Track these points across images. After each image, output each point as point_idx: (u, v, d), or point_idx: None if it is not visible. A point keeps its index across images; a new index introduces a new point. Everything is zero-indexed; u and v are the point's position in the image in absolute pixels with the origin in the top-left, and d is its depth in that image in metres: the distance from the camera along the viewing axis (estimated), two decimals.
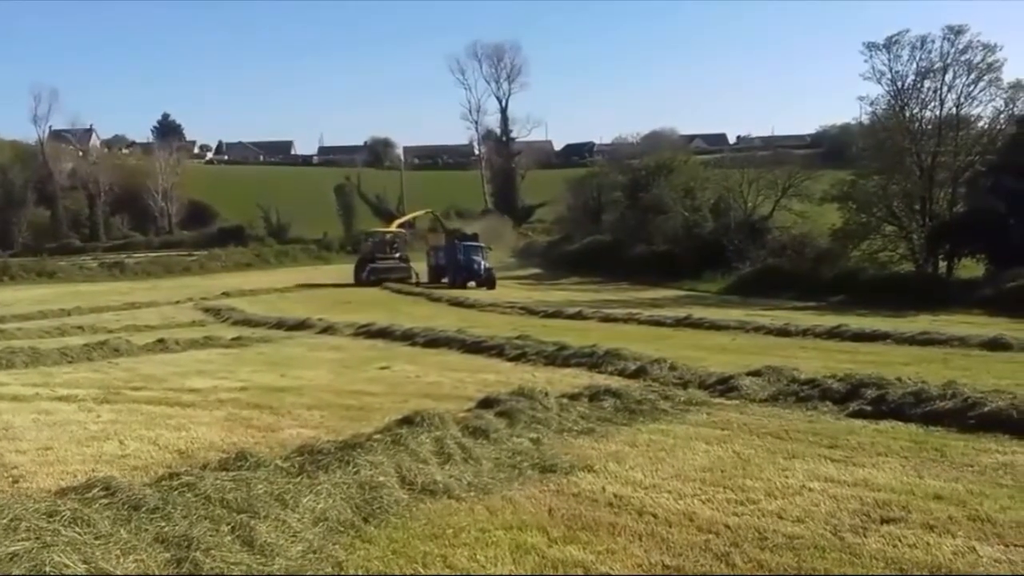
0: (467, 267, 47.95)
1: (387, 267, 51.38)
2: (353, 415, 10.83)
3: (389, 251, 53.71)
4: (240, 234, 77.63)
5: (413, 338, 21.33)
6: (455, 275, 47.60)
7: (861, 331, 21.35)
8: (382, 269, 50.87)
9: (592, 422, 9.82)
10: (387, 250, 53.68)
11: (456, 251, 49.43)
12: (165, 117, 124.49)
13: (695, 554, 5.73)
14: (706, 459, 8.18)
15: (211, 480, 6.36)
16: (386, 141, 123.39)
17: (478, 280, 47.08)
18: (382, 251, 53.46)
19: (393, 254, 53.47)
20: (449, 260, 49.56)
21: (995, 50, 41.42)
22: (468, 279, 47.07)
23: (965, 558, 5.57)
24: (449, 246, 50.97)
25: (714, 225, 53.85)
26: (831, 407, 10.65)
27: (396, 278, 49.70)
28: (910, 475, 7.52)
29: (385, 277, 49.76)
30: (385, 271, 50.76)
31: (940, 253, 41.01)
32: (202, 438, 9.58)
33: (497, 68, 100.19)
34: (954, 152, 41.86)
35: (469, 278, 47.14)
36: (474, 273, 47.58)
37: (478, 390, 11.97)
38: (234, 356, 19.11)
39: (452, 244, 50.84)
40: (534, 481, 7.47)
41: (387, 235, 56.12)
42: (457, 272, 47.74)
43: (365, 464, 7.09)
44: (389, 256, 53.05)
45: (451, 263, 49.02)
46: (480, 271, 47.81)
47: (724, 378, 12.42)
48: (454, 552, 5.78)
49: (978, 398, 9.83)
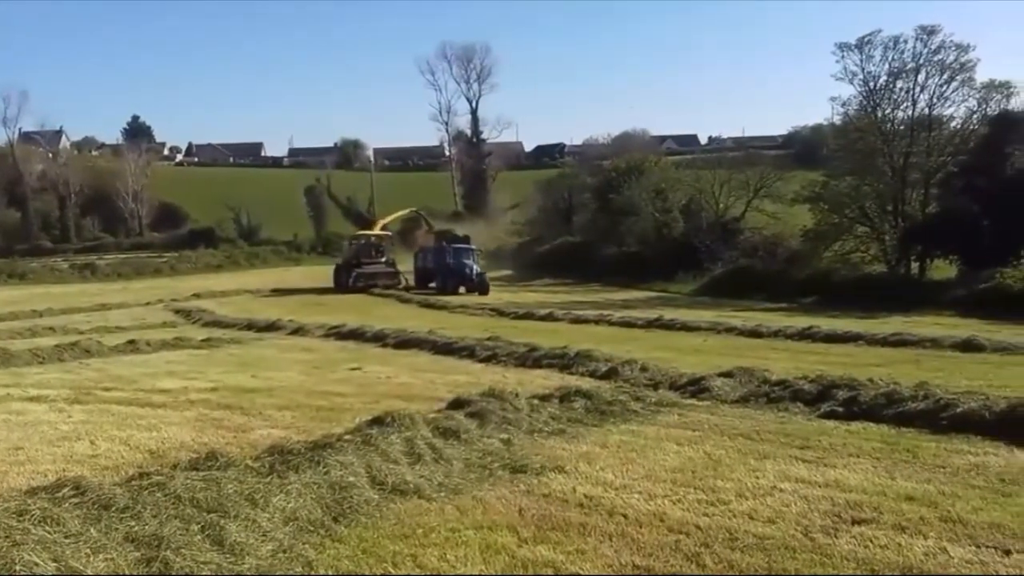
0: (458, 271, 45.19)
1: (374, 272, 48.50)
2: (324, 416, 10.78)
3: (375, 255, 50.67)
4: (210, 236, 77.16)
5: (384, 339, 21.28)
6: (445, 280, 45.07)
7: (833, 332, 21.51)
8: (369, 274, 47.99)
9: (563, 423, 9.81)
10: (372, 254, 50.68)
11: (445, 254, 46.78)
12: (135, 119, 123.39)
13: (665, 554, 5.72)
14: (677, 460, 8.19)
15: (181, 480, 6.31)
16: (356, 143, 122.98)
17: (469, 285, 44.38)
18: (367, 255, 50.36)
19: (379, 258, 50.52)
20: (438, 264, 46.82)
21: (968, 50, 41.84)
22: (459, 284, 44.41)
23: (936, 559, 5.60)
24: (438, 248, 48.24)
25: (685, 226, 54.09)
26: (802, 408, 10.70)
27: (384, 284, 47.34)
28: (882, 476, 7.56)
29: (373, 283, 47.12)
30: (372, 276, 47.97)
31: (912, 254, 41.38)
32: (173, 438, 9.50)
33: (467, 69, 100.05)
34: (926, 153, 42.23)
35: (460, 283, 44.51)
36: (465, 278, 44.85)
37: (449, 391, 11.92)
38: (205, 357, 19.00)
39: (441, 247, 48.20)
40: (505, 481, 7.45)
41: (372, 237, 52.76)
42: (447, 276, 45.14)
43: (335, 464, 7.05)
44: (375, 260, 50.06)
45: (440, 267, 46.31)
46: (472, 275, 45.11)
47: (695, 379, 12.44)
48: (424, 552, 5.75)
49: (950, 399, 9.90)
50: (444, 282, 44.87)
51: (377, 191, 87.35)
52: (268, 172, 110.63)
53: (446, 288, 43.89)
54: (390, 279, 48.18)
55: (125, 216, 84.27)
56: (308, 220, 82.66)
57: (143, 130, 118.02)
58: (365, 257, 49.79)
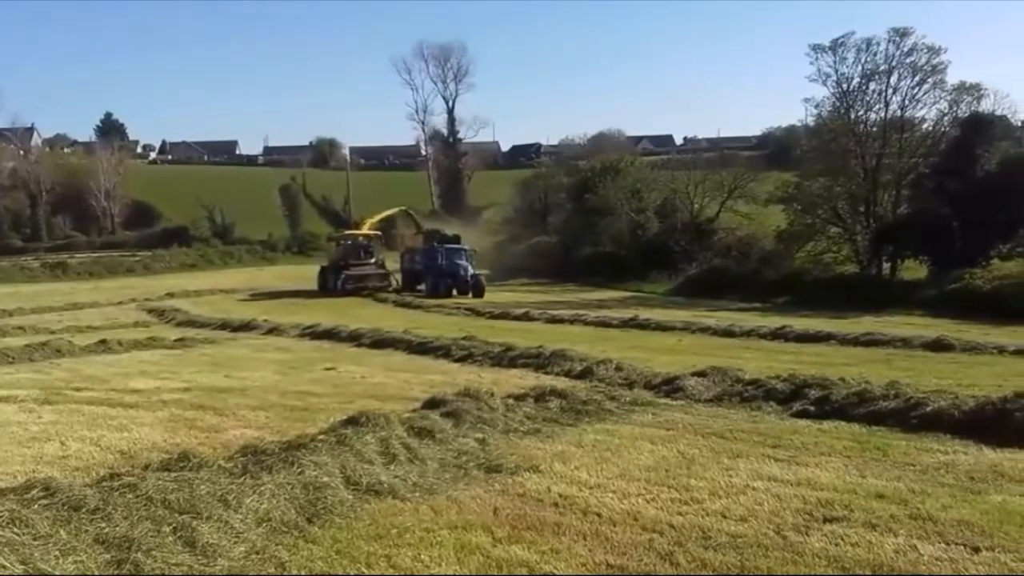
0: (451, 273, 42.72)
1: (364, 274, 45.83)
2: (298, 416, 10.74)
3: (364, 256, 47.66)
4: (184, 234, 76.45)
5: (359, 339, 21.23)
6: (436, 282, 42.56)
7: (805, 332, 21.68)
8: (358, 276, 45.27)
9: (538, 422, 9.84)
10: (361, 255, 47.66)
11: (436, 255, 44.26)
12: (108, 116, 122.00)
13: (639, 553, 5.76)
14: (651, 459, 8.23)
15: (153, 481, 6.28)
16: (332, 141, 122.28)
17: (462, 288, 42.13)
18: (356, 256, 47.31)
19: (368, 259, 47.57)
20: (428, 265, 44.28)
21: (939, 52, 42.20)
22: (453, 287, 42.07)
23: (907, 556, 5.66)
24: (428, 249, 45.79)
25: (660, 226, 54.33)
26: (775, 407, 10.79)
27: (375, 286, 44.99)
28: (853, 474, 7.63)
29: (363, 286, 44.63)
30: (362, 279, 45.29)
31: (884, 255, 41.74)
32: (144, 439, 9.45)
33: (444, 68, 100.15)
34: (898, 154, 42.60)
35: (454, 286, 42.19)
36: (460, 280, 42.51)
37: (424, 391, 11.92)
38: (178, 357, 18.87)
39: (432, 247, 45.72)
40: (479, 481, 7.46)
41: (360, 238, 49.53)
42: (439, 279, 42.66)
43: (309, 464, 7.03)
44: (364, 262, 47.14)
45: (431, 269, 43.78)
46: (467, 278, 42.75)
47: (669, 378, 12.51)
48: (398, 552, 5.75)
49: (920, 398, 10.03)
50: (435, 284, 42.63)
51: (353, 190, 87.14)
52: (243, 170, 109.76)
53: (437, 291, 41.77)
54: (381, 281, 46.03)
55: (97, 214, 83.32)
56: (283, 219, 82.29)
57: (116, 128, 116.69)
58: (353, 258, 47.02)
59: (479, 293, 41.68)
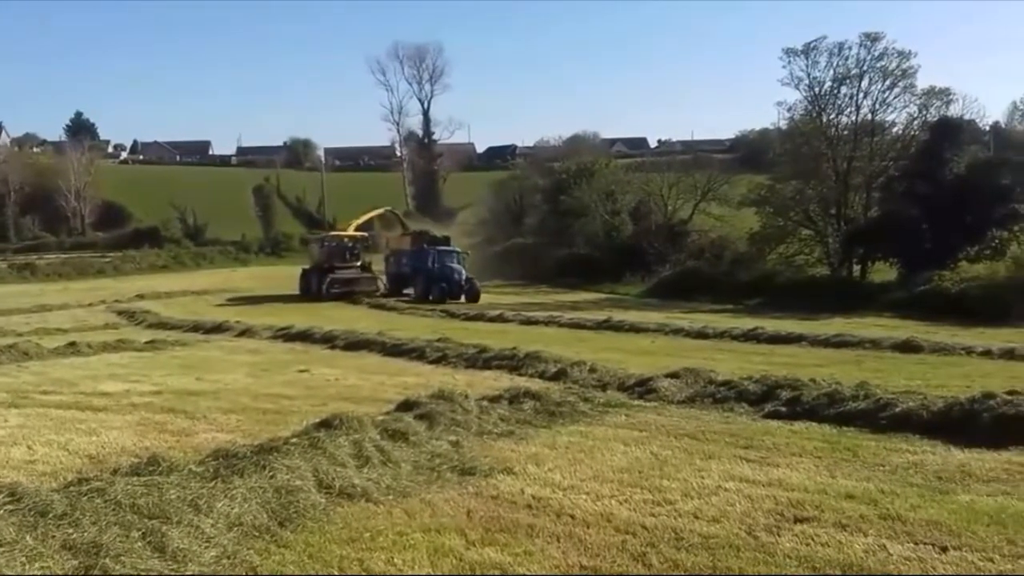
0: (444, 278, 40.49)
1: (350, 278, 43.43)
2: (270, 419, 10.69)
3: (349, 258, 45.02)
4: (155, 235, 75.82)
5: (333, 341, 21.14)
6: (427, 286, 40.22)
7: (777, 333, 21.84)
8: (344, 280, 42.86)
9: (512, 424, 9.85)
10: (347, 257, 44.95)
11: (427, 258, 41.87)
12: (78, 115, 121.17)
13: (612, 554, 5.78)
14: (624, 460, 8.26)
15: (122, 485, 6.22)
16: (306, 142, 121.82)
17: (453, 293, 39.80)
18: (341, 258, 44.54)
19: (353, 262, 44.95)
20: (417, 268, 41.96)
21: (909, 56, 42.83)
22: (447, 292, 39.63)
23: (876, 556, 5.71)
24: (417, 252, 43.26)
25: (634, 228, 54.57)
26: (747, 408, 10.88)
27: (361, 290, 42.65)
28: (823, 475, 7.70)
29: (350, 290, 42.28)
30: (348, 282, 42.92)
31: (854, 257, 42.17)
32: (114, 443, 9.35)
33: (419, 69, 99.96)
34: (869, 157, 43.10)
35: (449, 291, 39.79)
36: (454, 285, 40.26)
37: (398, 393, 11.89)
38: (148, 359, 18.69)
39: (421, 250, 43.10)
40: (453, 484, 7.46)
41: (344, 239, 46.41)
42: (430, 283, 40.31)
43: (281, 468, 6.99)
44: (349, 264, 44.58)
45: (421, 272, 41.44)
46: (462, 282, 40.66)
47: (643, 380, 12.56)
48: (371, 556, 5.73)
49: (889, 399, 10.15)
50: (426, 288, 40.27)
51: (327, 191, 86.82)
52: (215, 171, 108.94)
53: (429, 295, 39.58)
54: (368, 285, 43.66)
55: (67, 215, 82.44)
56: (256, 220, 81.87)
57: (86, 127, 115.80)
58: (339, 261, 44.30)
59: (474, 298, 39.76)
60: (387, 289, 43.33)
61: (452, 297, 39.48)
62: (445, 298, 38.93)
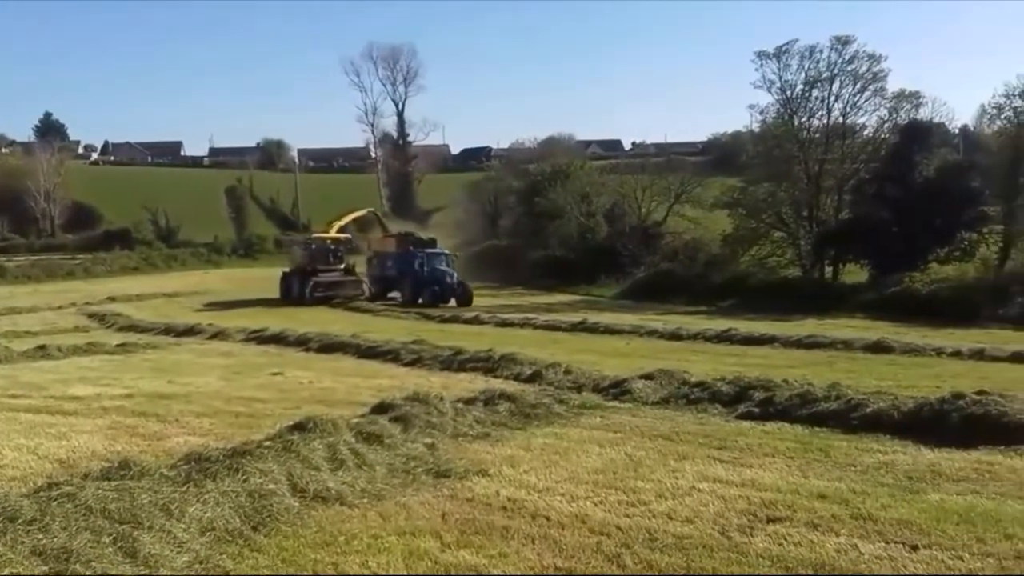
0: (435, 280, 39.44)
1: (334, 281, 42.17)
2: (243, 422, 10.60)
3: (332, 261, 43.63)
4: (127, 237, 75.10)
5: (307, 343, 21.05)
6: (416, 290, 39.28)
7: (750, 335, 22.03)
8: (328, 284, 41.58)
9: (487, 426, 9.85)
10: (330, 259, 43.57)
11: (414, 260, 40.73)
12: (47, 116, 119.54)
13: (587, 556, 5.79)
14: (599, 462, 8.28)
15: (92, 490, 6.14)
16: (279, 143, 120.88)
17: (442, 297, 38.61)
18: (324, 261, 43.15)
19: (337, 264, 43.69)
20: (404, 271, 40.77)
21: (880, 60, 43.32)
22: (438, 296, 38.48)
23: (848, 555, 5.76)
24: (403, 254, 42.01)
25: (609, 230, 54.73)
26: (720, 409, 10.94)
27: (346, 294, 41.42)
28: (796, 475, 7.76)
29: (333, 293, 41.06)
30: (332, 286, 41.66)
31: (826, 259, 42.58)
32: (84, 447, 9.23)
33: (393, 70, 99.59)
34: (840, 160, 43.51)
35: (441, 295, 38.73)
36: (446, 288, 39.22)
37: (372, 395, 11.82)
38: (119, 363, 18.52)
39: (408, 252, 41.88)
40: (428, 486, 7.44)
41: (327, 241, 44.96)
42: (420, 286, 39.25)
43: (255, 472, 6.93)
44: (333, 267, 43.31)
45: (408, 275, 40.31)
46: (454, 285, 39.70)
47: (617, 381, 12.60)
48: (346, 559, 5.70)
49: (861, 399, 10.24)
50: (415, 292, 39.27)
51: (301, 193, 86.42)
52: (187, 172, 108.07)
53: (418, 299, 38.55)
54: (353, 289, 42.31)
55: (36, 216, 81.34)
56: (229, 222, 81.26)
57: (56, 128, 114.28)
58: (322, 263, 42.88)
59: (466, 301, 38.60)
60: (370, 292, 42.13)
61: (443, 301, 38.33)
62: (437, 302, 37.74)
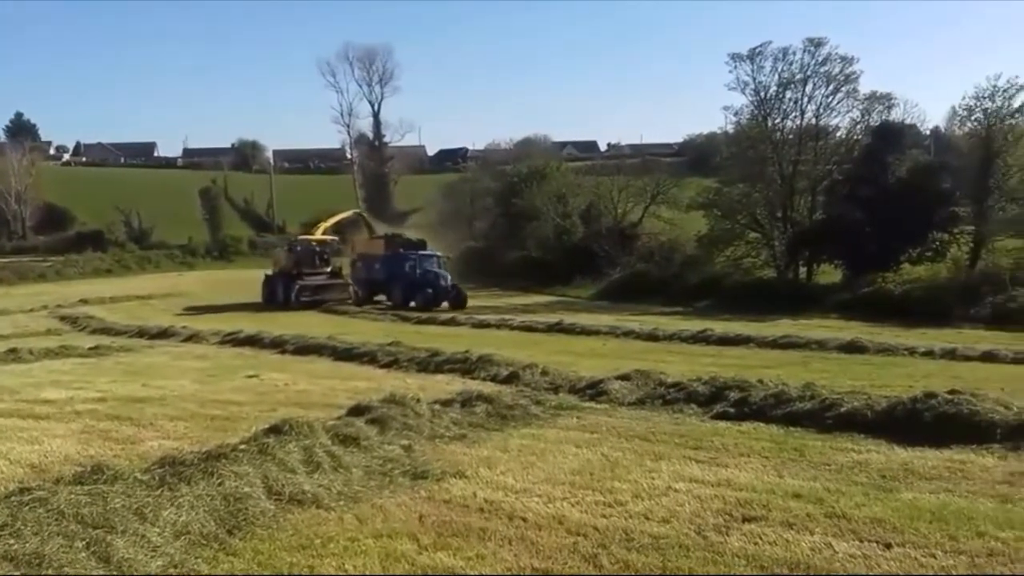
0: (428, 283, 38.25)
1: (320, 284, 40.89)
2: (218, 425, 10.54)
3: (319, 263, 42.40)
4: (99, 239, 74.47)
5: (283, 345, 20.95)
6: (407, 293, 38.12)
7: (725, 335, 22.14)
8: (314, 287, 40.25)
9: (464, 428, 9.85)
10: (316, 262, 42.26)
11: (404, 262, 39.56)
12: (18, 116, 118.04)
13: (564, 556, 5.80)
14: (576, 462, 8.29)
15: (65, 495, 6.09)
16: (254, 144, 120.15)
17: (435, 300, 37.32)
18: (310, 264, 41.85)
19: (323, 267, 42.49)
20: (394, 274, 39.51)
21: (852, 62, 43.57)
22: (432, 300, 37.22)
23: (822, 554, 5.81)
24: (393, 256, 40.71)
25: (585, 231, 54.80)
26: (696, 409, 10.99)
27: (333, 298, 40.04)
28: (771, 475, 7.81)
29: (320, 297, 39.59)
30: (319, 289, 40.31)
31: (800, 259, 42.82)
32: (57, 451, 9.14)
33: (369, 71, 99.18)
34: (813, 161, 43.73)
35: (435, 297, 37.56)
36: (439, 291, 38.04)
37: (349, 397, 11.81)
38: (92, 366, 18.35)
39: (398, 254, 40.66)
40: (405, 488, 7.42)
41: (312, 243, 43.48)
42: (412, 289, 38.06)
43: (230, 475, 6.90)
44: (319, 270, 42.07)
45: (399, 278, 39.11)
46: (448, 288, 38.53)
47: (594, 382, 12.64)
48: (322, 562, 5.68)
49: (835, 399, 10.33)
50: (406, 295, 38.13)
51: (276, 194, 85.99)
52: (161, 173, 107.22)
53: (409, 302, 37.44)
54: (339, 292, 41.02)
55: (7, 218, 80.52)
56: (203, 223, 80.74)
57: (27, 128, 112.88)
58: (307, 266, 41.60)
59: (461, 304, 37.57)
60: (357, 296, 40.75)
61: (436, 304, 37.14)
62: (430, 306, 36.57)
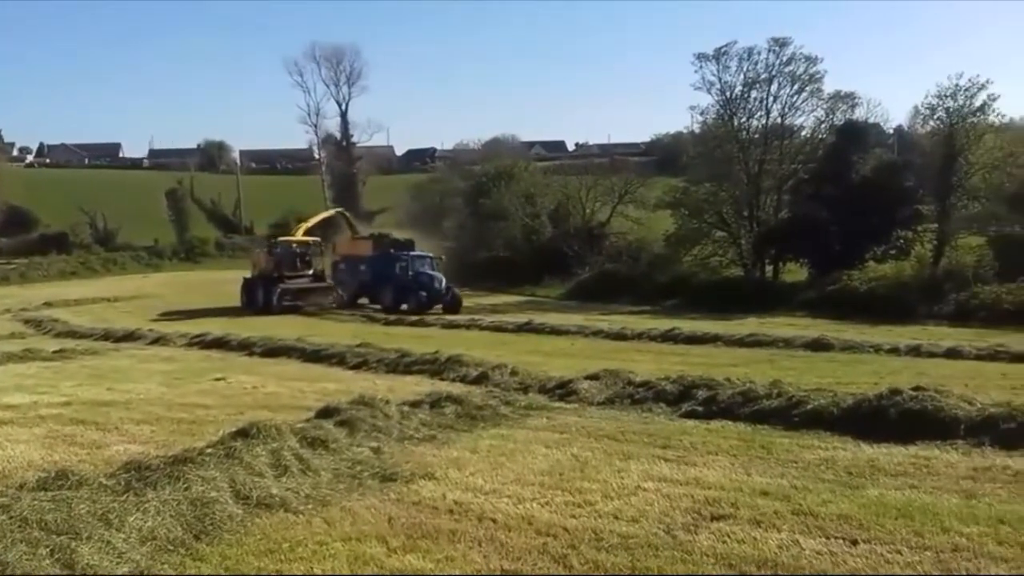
0: (421, 286, 36.88)
1: (303, 287, 39.28)
2: (185, 429, 10.44)
3: (300, 266, 40.78)
4: (63, 241, 73.42)
5: (251, 348, 20.81)
6: (398, 296, 36.83)
7: (693, 334, 22.30)
8: (296, 291, 38.67)
9: (433, 429, 9.83)
10: (298, 265, 40.70)
11: (395, 264, 38.24)
12: None
13: (533, 557, 5.81)
14: (545, 463, 8.30)
15: (28, 501, 6.02)
16: (220, 144, 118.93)
17: (428, 304, 36.06)
18: (291, 266, 40.28)
19: (305, 270, 40.81)
20: (383, 276, 38.23)
21: (816, 62, 44.17)
22: (425, 303, 35.95)
23: (790, 551, 5.85)
24: (381, 257, 39.34)
25: (554, 231, 54.92)
26: (665, 408, 11.06)
27: (316, 302, 38.70)
28: (739, 473, 7.86)
29: (303, 302, 38.23)
30: (302, 293, 38.83)
31: (766, 258, 43.21)
32: (19, 457, 9.00)
33: (336, 71, 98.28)
34: (779, 160, 44.27)
35: (429, 300, 36.31)
36: (433, 293, 36.67)
37: (317, 400, 11.73)
38: (56, 370, 18.08)
39: (387, 255, 39.23)
40: (374, 491, 7.39)
41: (293, 244, 41.77)
42: (404, 292, 36.79)
43: (197, 479, 6.83)
44: (301, 273, 40.43)
45: (389, 280, 37.82)
46: (442, 290, 37.13)
47: (563, 382, 12.68)
48: (290, 567, 5.65)
49: (802, 397, 10.43)
50: (397, 298, 36.85)
51: (244, 194, 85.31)
52: (126, 174, 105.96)
53: (401, 305, 36.24)
54: (323, 296, 39.61)
55: None
56: (169, 224, 79.85)
57: None
58: (289, 269, 40.01)
59: (456, 307, 36.41)
60: (341, 299, 39.46)
61: (429, 308, 35.86)
62: (424, 309, 35.32)
